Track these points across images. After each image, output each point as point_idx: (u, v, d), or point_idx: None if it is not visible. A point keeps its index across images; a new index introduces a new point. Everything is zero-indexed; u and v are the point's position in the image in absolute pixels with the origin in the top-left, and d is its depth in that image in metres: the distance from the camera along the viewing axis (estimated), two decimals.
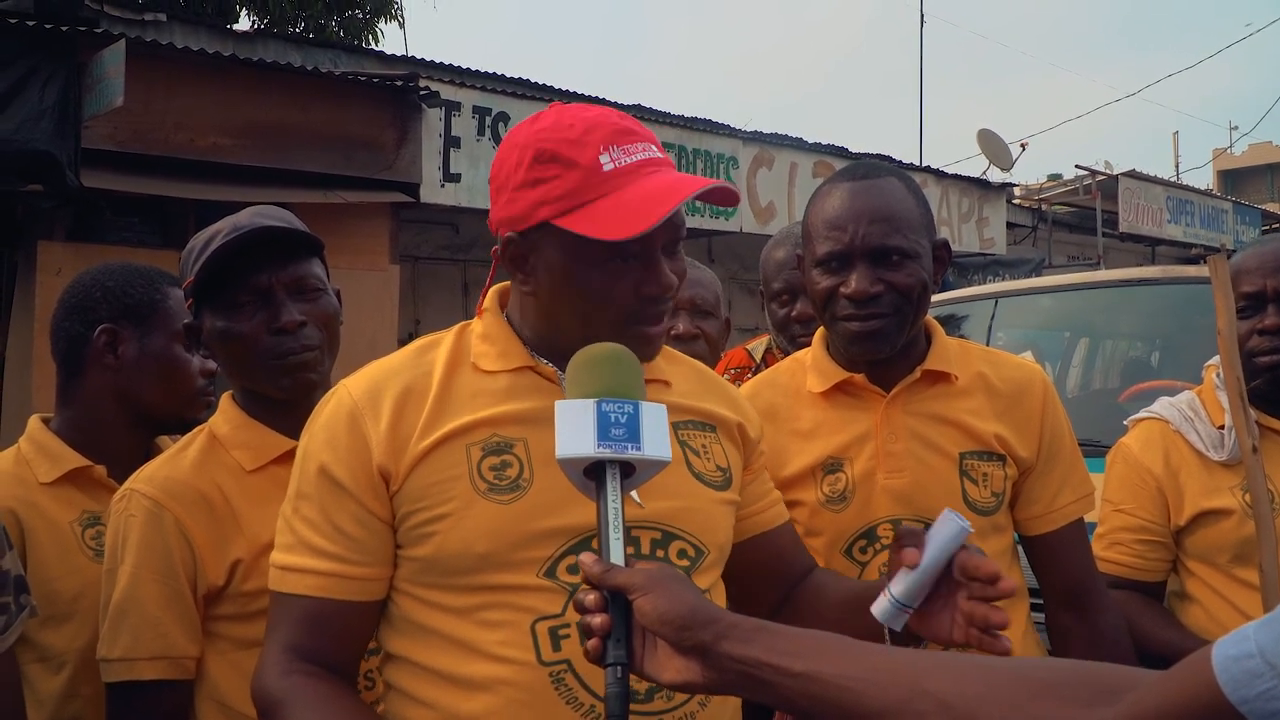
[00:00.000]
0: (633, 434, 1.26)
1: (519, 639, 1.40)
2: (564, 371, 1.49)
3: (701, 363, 2.58)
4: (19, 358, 7.45)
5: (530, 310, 1.55)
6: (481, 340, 1.56)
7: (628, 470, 1.27)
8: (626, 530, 1.25)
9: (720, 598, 1.59)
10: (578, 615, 1.37)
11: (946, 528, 1.38)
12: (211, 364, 2.09)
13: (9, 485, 2.00)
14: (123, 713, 1.75)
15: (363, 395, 1.49)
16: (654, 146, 1.49)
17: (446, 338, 1.58)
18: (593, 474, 1.27)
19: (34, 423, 2.13)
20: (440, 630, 1.44)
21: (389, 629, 1.52)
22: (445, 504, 1.43)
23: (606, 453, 1.24)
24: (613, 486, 1.25)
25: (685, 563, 1.51)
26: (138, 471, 1.84)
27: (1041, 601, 2.04)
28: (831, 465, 1.95)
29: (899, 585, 1.39)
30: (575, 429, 1.26)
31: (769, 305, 2.92)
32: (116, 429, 2.10)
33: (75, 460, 2.05)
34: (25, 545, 1.95)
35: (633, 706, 1.22)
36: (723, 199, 1.52)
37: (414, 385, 1.50)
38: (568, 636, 1.40)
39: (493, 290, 1.63)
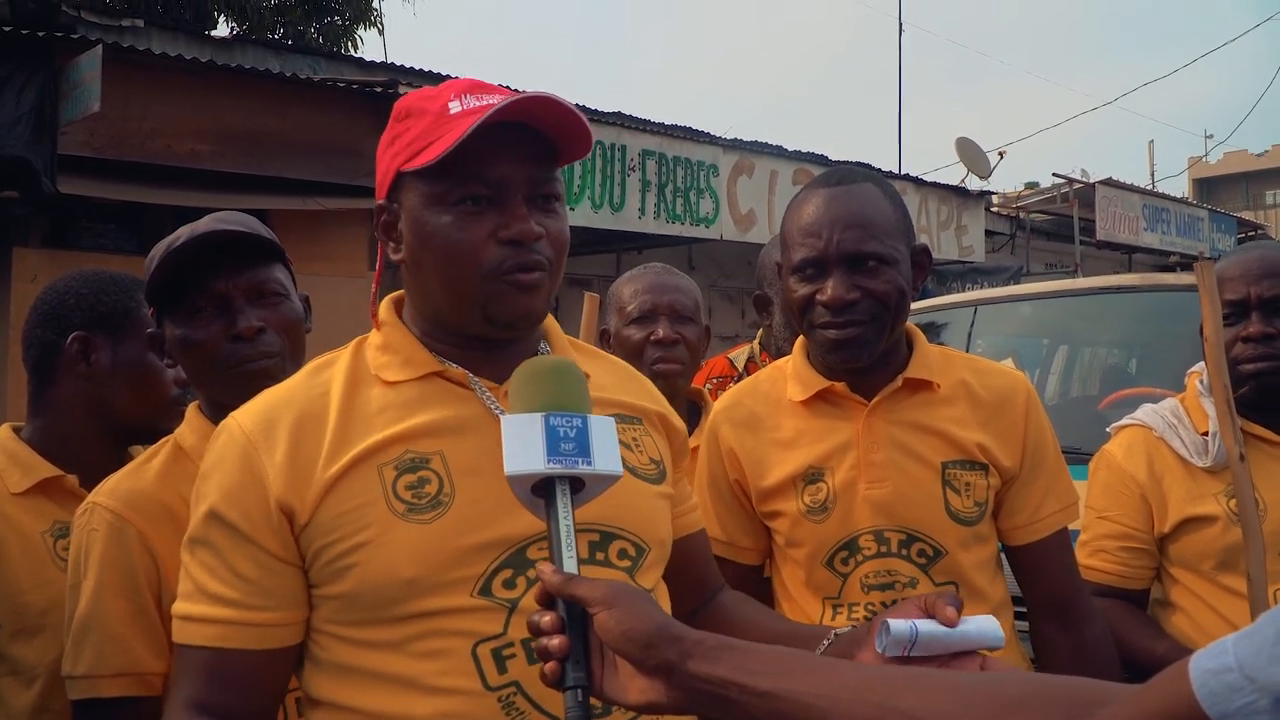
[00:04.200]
0: (582, 448, 1.22)
1: (461, 666, 1.32)
2: (474, 374, 1.44)
3: (682, 369, 2.59)
4: None
5: (414, 293, 1.48)
6: (381, 351, 1.47)
7: (577, 485, 1.23)
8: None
9: (664, 598, 1.53)
10: (520, 634, 1.31)
11: (988, 627, 1.32)
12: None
13: None
14: None
15: (255, 427, 1.38)
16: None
17: (342, 355, 1.49)
18: (541, 491, 1.22)
19: (5, 431, 2.09)
20: (373, 669, 1.34)
21: (314, 672, 1.40)
22: (362, 532, 1.33)
23: (557, 468, 1.20)
24: (563, 503, 1.21)
25: (626, 563, 1.44)
26: (101, 484, 1.80)
27: (1025, 611, 2.03)
28: (812, 475, 1.94)
29: (927, 625, 1.33)
30: (523, 445, 1.20)
31: (775, 310, 2.90)
32: (89, 438, 2.07)
33: (47, 470, 2.01)
34: None
35: None
36: (569, 136, 1.42)
37: (310, 409, 1.40)
38: (513, 657, 1.32)
39: (385, 300, 1.54)
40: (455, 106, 1.39)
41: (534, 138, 1.41)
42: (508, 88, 1.46)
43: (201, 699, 1.35)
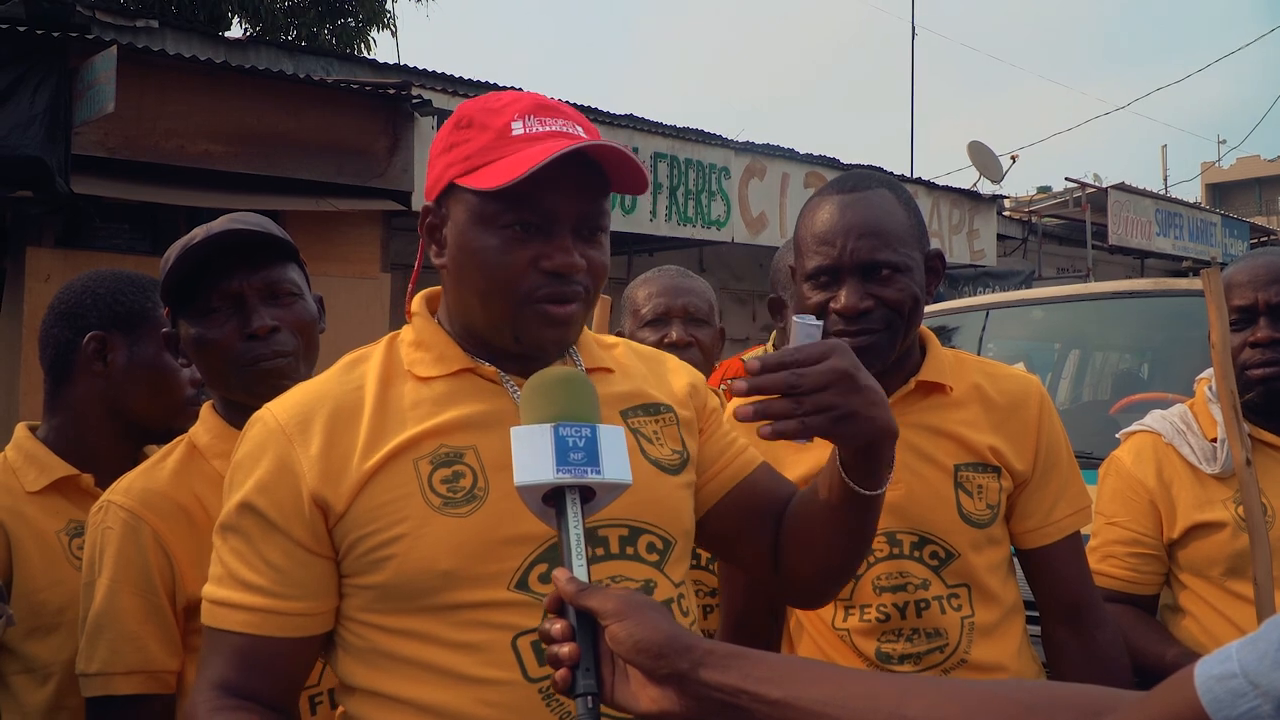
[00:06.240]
0: (591, 458, 1.23)
1: (502, 658, 1.34)
2: (505, 372, 1.46)
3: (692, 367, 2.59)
4: (6, 365, 7.42)
5: (450, 298, 1.50)
6: (414, 347, 1.49)
7: (587, 494, 1.24)
8: (589, 552, 1.22)
9: (690, 594, 1.54)
10: None
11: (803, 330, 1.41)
12: None
13: None
14: None
15: (290, 419, 1.40)
16: (578, 126, 1.44)
17: (375, 350, 1.51)
18: (552, 500, 1.23)
19: (21, 431, 2.10)
20: (412, 658, 1.36)
21: (348, 659, 1.42)
22: (399, 524, 1.35)
23: (566, 478, 1.21)
24: (573, 512, 1.22)
25: (655, 556, 1.46)
26: (116, 482, 1.81)
27: (1038, 615, 2.03)
28: None
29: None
30: (533, 455, 1.22)
31: (790, 313, 2.90)
32: (104, 437, 2.08)
33: (63, 469, 2.02)
34: (12, 555, 1.93)
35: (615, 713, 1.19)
36: (626, 174, 1.44)
37: (345, 403, 1.42)
38: None
39: (419, 296, 1.57)
40: (518, 128, 1.40)
41: (590, 167, 1.42)
42: (568, 104, 1.47)
43: (229, 680, 1.38)
